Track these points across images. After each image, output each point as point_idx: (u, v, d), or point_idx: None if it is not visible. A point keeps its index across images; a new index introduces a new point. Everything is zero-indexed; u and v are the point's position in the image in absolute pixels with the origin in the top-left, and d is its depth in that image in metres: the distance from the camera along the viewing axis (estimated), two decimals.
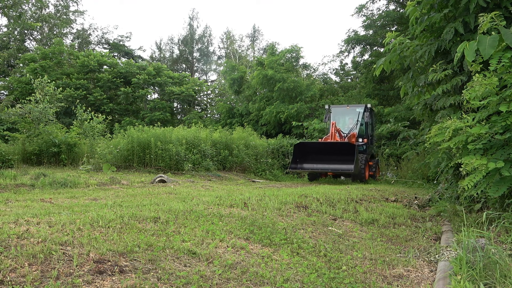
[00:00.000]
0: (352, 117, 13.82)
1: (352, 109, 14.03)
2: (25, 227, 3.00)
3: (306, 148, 12.35)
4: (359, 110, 13.71)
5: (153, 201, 5.27)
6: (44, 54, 25.74)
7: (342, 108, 14.47)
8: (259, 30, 42.90)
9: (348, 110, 14.15)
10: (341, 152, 11.63)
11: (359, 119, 13.48)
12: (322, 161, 12.04)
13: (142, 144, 12.11)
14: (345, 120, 14.13)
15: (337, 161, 11.75)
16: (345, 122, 14.05)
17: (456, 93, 5.57)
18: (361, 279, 3.15)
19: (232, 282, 2.72)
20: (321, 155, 12.06)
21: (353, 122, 13.60)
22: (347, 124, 13.91)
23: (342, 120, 14.17)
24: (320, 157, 12.06)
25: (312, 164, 12.25)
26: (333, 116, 14.05)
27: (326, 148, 11.98)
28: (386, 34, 6.72)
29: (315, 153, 12.25)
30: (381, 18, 20.86)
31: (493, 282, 2.74)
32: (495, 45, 3.77)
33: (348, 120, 13.98)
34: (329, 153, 11.85)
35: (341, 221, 5.15)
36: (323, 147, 12.10)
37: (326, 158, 11.94)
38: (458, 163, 4.65)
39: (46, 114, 13.85)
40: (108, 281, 2.38)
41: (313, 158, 12.21)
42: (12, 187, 7.11)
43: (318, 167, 12.12)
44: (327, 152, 11.90)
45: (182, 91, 27.66)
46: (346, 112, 14.21)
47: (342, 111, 14.34)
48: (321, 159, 12.04)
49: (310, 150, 12.35)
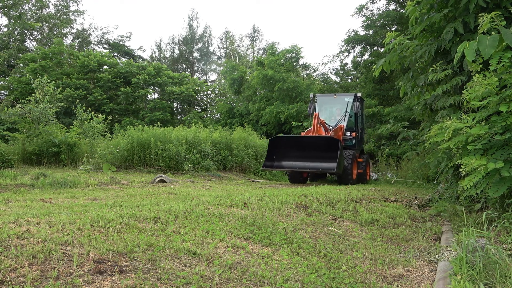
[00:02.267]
0: (340, 108, 12.31)
1: (340, 98, 12.57)
2: (25, 227, 3.00)
3: (283, 143, 10.80)
4: (347, 99, 12.23)
5: (153, 201, 5.27)
6: (44, 54, 25.75)
7: (328, 97, 13.01)
8: (259, 30, 43.01)
9: (335, 99, 12.66)
10: (323, 148, 10.23)
11: (347, 110, 11.98)
12: (302, 159, 10.57)
13: (142, 144, 12.11)
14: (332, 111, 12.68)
15: (318, 158, 10.34)
16: (332, 113, 12.62)
17: (456, 93, 5.58)
18: (361, 279, 3.15)
19: (232, 282, 2.72)
20: (300, 151, 10.60)
21: (341, 113, 12.15)
22: (334, 115, 12.45)
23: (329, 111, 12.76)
24: (300, 154, 10.60)
25: (290, 162, 10.75)
26: (319, 106, 12.67)
27: (305, 144, 10.53)
28: (386, 34, 6.72)
29: (294, 149, 10.73)
30: (381, 18, 20.87)
31: (493, 282, 2.74)
32: (495, 45, 3.77)
33: (336, 111, 12.50)
34: (310, 149, 10.42)
35: (341, 221, 5.15)
36: (302, 142, 10.61)
37: (306, 155, 10.49)
38: (458, 163, 4.65)
39: (46, 114, 13.85)
40: (108, 281, 2.38)
41: (292, 155, 10.73)
42: (12, 187, 7.11)
43: (296, 165, 10.59)
44: (307, 148, 10.48)
45: (182, 91, 27.67)
46: (333, 102, 12.72)
47: (328, 100, 12.87)
48: (301, 156, 10.58)
49: (288, 145, 10.79)
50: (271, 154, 10.79)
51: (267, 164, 10.70)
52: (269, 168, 10.81)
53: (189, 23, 40.86)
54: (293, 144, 10.80)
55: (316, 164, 10.34)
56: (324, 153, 10.18)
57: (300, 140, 10.71)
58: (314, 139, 10.30)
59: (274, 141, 10.78)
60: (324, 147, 10.17)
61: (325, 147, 10.15)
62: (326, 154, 10.11)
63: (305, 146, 10.50)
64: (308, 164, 10.45)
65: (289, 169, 10.70)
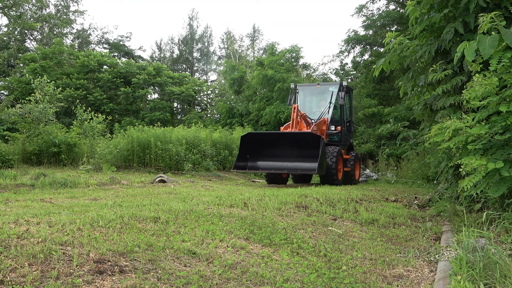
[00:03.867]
0: (325, 99, 11.11)
1: (324, 88, 11.30)
2: (25, 227, 3.00)
3: (257, 141, 9.61)
4: (332, 89, 10.96)
5: (153, 201, 5.27)
6: (44, 54, 25.73)
7: (311, 87, 11.72)
8: (259, 30, 43.01)
9: (319, 89, 11.42)
10: (302, 146, 9.13)
11: (332, 100, 10.76)
12: (279, 158, 9.41)
13: (142, 144, 12.11)
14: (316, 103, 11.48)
15: (298, 157, 9.20)
16: (316, 105, 11.43)
17: (456, 93, 5.57)
18: (361, 279, 3.15)
19: (232, 282, 2.72)
20: (277, 149, 9.43)
21: (325, 105, 10.93)
22: (318, 107, 11.23)
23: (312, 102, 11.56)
24: (276, 153, 9.44)
25: (266, 162, 9.57)
26: (301, 97, 11.42)
27: (282, 141, 9.34)
28: (386, 34, 6.72)
29: (270, 147, 9.58)
30: (381, 18, 20.86)
31: (493, 282, 2.74)
32: (495, 45, 3.77)
33: (320, 103, 11.29)
34: (287, 147, 9.29)
35: (341, 221, 5.15)
36: (278, 139, 9.42)
37: (283, 153, 9.35)
38: (458, 163, 4.65)
39: (46, 114, 13.85)
40: (108, 281, 2.38)
41: (268, 154, 9.55)
42: (12, 187, 7.11)
43: (273, 166, 9.40)
44: (284, 145, 9.32)
45: (182, 91, 27.66)
46: (317, 92, 11.51)
47: (311, 90, 11.63)
48: (278, 155, 9.43)
49: (263, 143, 9.60)
50: (244, 153, 9.63)
51: (239, 165, 9.53)
52: (241, 170, 9.64)
53: (189, 23, 40.87)
54: (269, 141, 9.62)
55: (295, 164, 9.25)
56: (304, 151, 9.11)
57: (276, 137, 9.57)
58: (292, 135, 9.21)
59: (247, 138, 9.62)
60: (304, 145, 9.11)
61: (304, 145, 9.10)
62: (306, 152, 9.04)
63: (282, 144, 9.36)
64: (286, 165, 9.35)
65: (265, 171, 9.63)
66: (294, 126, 9.47)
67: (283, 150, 9.37)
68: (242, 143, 9.61)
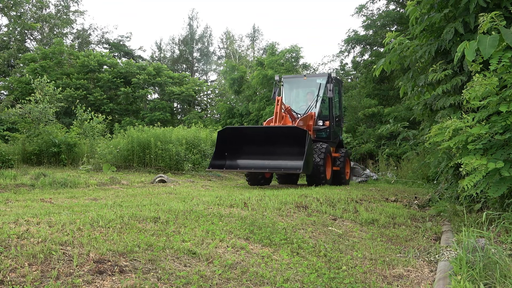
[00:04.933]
0: (312, 92, 10.38)
1: (311, 80, 10.58)
2: (25, 227, 3.00)
3: (236, 137, 8.74)
4: (320, 81, 10.21)
5: (153, 201, 5.27)
6: (44, 54, 25.73)
7: (297, 79, 10.90)
8: (259, 30, 43.01)
9: (306, 81, 10.61)
10: (286, 142, 8.27)
11: (319, 93, 10.00)
12: (261, 156, 8.56)
13: (142, 144, 12.12)
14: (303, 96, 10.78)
15: (281, 155, 8.38)
16: (303, 98, 10.73)
17: (456, 93, 5.57)
18: (361, 279, 3.15)
19: (232, 282, 2.72)
20: (259, 146, 8.59)
21: (313, 99, 10.18)
22: (306, 101, 10.51)
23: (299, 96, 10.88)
24: (258, 150, 8.60)
25: (246, 160, 8.69)
26: (287, 91, 10.66)
27: (264, 136, 8.51)
28: (386, 34, 6.72)
29: (251, 143, 8.68)
30: (381, 18, 20.86)
31: (493, 282, 2.74)
32: (495, 45, 3.77)
33: (307, 96, 10.56)
34: (270, 143, 8.46)
35: (341, 221, 5.15)
36: (259, 135, 8.63)
37: (266, 150, 8.50)
38: (458, 163, 4.65)
39: (46, 114, 13.86)
40: (108, 281, 2.38)
41: (248, 151, 8.71)
42: (12, 187, 7.11)
43: (254, 165, 8.50)
44: (266, 142, 8.48)
45: (182, 91, 27.65)
46: (304, 85, 10.73)
47: (298, 83, 10.83)
48: (259, 152, 8.58)
49: (243, 139, 8.75)
50: (222, 151, 8.72)
51: (215, 164, 8.59)
52: (218, 169, 8.76)
53: (189, 23, 40.86)
54: (248, 137, 8.75)
55: (277, 163, 8.37)
56: (288, 148, 8.26)
57: (257, 132, 8.84)
58: (274, 130, 8.39)
59: (224, 134, 8.68)
60: (288, 141, 8.23)
61: (288, 141, 8.22)
62: (291, 149, 8.21)
63: (264, 140, 8.49)
64: (268, 163, 8.44)
65: (245, 170, 8.76)
66: (277, 121, 8.65)
67: (264, 147, 8.51)
68: (219, 139, 8.70)
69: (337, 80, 10.79)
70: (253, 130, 9.38)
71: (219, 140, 8.70)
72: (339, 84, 11.20)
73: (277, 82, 10.62)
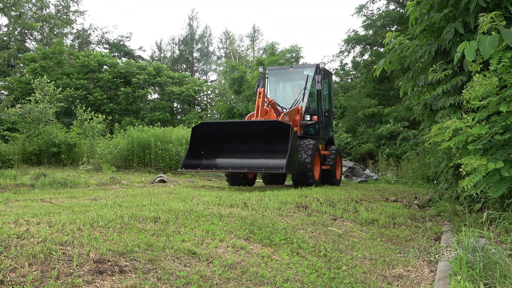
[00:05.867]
0: (299, 85, 9.63)
1: (298, 72, 9.82)
2: (25, 227, 2.99)
3: (213, 133, 7.91)
4: (307, 73, 9.45)
5: (153, 201, 5.27)
6: (44, 54, 25.74)
7: (283, 71, 10.23)
8: (259, 30, 43.03)
9: (292, 73, 9.89)
10: (268, 138, 7.46)
11: (307, 86, 9.26)
12: (242, 154, 7.81)
13: (142, 144, 12.12)
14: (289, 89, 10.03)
15: (262, 152, 7.62)
16: (290, 92, 9.96)
17: (456, 93, 5.57)
18: (361, 279, 3.15)
19: (232, 282, 2.72)
20: (237, 143, 7.81)
21: (299, 92, 9.43)
22: (293, 94, 9.71)
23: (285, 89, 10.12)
24: (238, 147, 7.85)
25: (225, 159, 7.92)
26: (272, 84, 9.90)
27: (243, 132, 7.71)
28: (386, 34, 6.72)
29: (229, 140, 7.87)
30: (381, 18, 20.86)
31: (493, 282, 2.74)
32: (495, 45, 3.77)
33: (294, 89, 9.82)
34: (250, 139, 7.64)
35: (341, 221, 5.15)
36: (237, 131, 7.83)
37: (246, 148, 7.77)
38: (458, 163, 4.65)
39: (46, 114, 13.87)
40: (108, 281, 2.38)
41: (227, 149, 7.94)
42: (12, 187, 7.11)
43: (233, 164, 7.76)
44: (246, 138, 7.68)
45: (182, 91, 27.65)
46: (290, 77, 10.00)
47: (283, 75, 10.09)
48: (239, 150, 7.85)
49: (220, 135, 7.89)
50: (197, 149, 7.92)
51: (190, 164, 7.78)
52: (192, 170, 7.94)
53: (189, 23, 40.89)
54: (226, 133, 7.93)
55: (258, 162, 7.62)
56: (270, 145, 7.49)
57: (235, 128, 8.05)
58: (254, 125, 7.64)
59: (200, 130, 7.86)
60: (270, 137, 7.44)
61: (271, 137, 7.43)
62: (273, 146, 7.43)
63: (244, 136, 7.71)
64: (247, 162, 7.68)
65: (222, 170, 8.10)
66: (259, 115, 7.88)
67: (244, 144, 7.77)
68: (194, 136, 7.86)
69: (326, 71, 10.10)
70: (231, 125, 8.52)
71: (194, 137, 7.88)
72: (329, 76, 10.49)
73: (261, 74, 9.84)
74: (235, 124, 8.54)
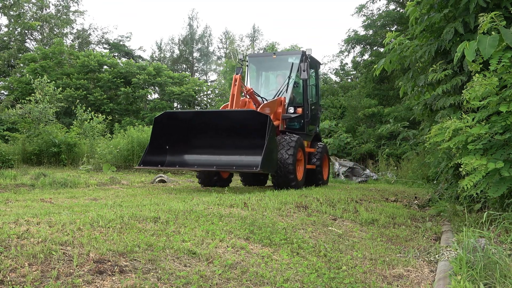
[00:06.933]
0: (283, 74, 8.52)
1: (282, 59, 8.77)
2: (25, 227, 3.00)
3: (177, 125, 6.84)
4: (292, 60, 8.40)
5: (153, 201, 5.27)
6: (44, 54, 25.74)
7: (266, 59, 9.19)
8: (259, 30, 43.06)
9: (275, 61, 8.83)
10: (240, 131, 6.53)
11: (291, 75, 8.19)
12: (211, 149, 6.79)
13: (142, 144, 12.12)
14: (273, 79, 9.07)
15: (235, 148, 6.65)
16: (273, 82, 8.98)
17: (456, 93, 5.57)
18: (361, 279, 3.15)
19: (232, 282, 2.72)
20: (208, 137, 6.81)
21: (283, 82, 8.35)
22: (276, 84, 8.72)
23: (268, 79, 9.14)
24: (207, 142, 6.83)
25: (191, 155, 6.90)
26: (253, 73, 8.92)
27: (214, 125, 6.74)
28: (386, 34, 6.73)
29: (198, 133, 6.80)
30: (381, 18, 20.86)
31: (493, 282, 2.74)
32: (495, 45, 3.77)
33: (277, 79, 8.82)
34: (222, 133, 6.71)
35: (341, 221, 5.15)
36: (208, 123, 6.78)
37: (215, 143, 6.78)
38: (458, 163, 4.65)
39: (46, 114, 13.87)
40: (108, 281, 2.38)
41: (196, 144, 6.88)
42: (12, 187, 7.11)
43: (197, 161, 6.75)
44: (217, 131, 6.73)
45: (182, 91, 27.65)
46: (273, 65, 8.97)
47: (266, 63, 9.04)
48: (208, 145, 6.82)
49: (186, 128, 6.80)
50: (160, 143, 6.87)
51: (149, 160, 6.72)
52: (153, 167, 7.00)
53: (189, 23, 40.89)
54: (194, 125, 6.82)
55: (230, 159, 6.61)
56: (245, 139, 6.54)
57: (205, 119, 6.93)
58: (226, 115, 6.70)
59: (163, 121, 6.82)
60: (244, 129, 6.48)
61: (245, 129, 6.47)
62: (248, 140, 6.50)
63: (215, 129, 6.72)
64: (218, 159, 6.64)
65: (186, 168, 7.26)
66: (233, 105, 6.86)
67: (214, 138, 6.78)
68: (156, 128, 6.82)
69: (314, 60, 9.01)
70: (199, 116, 7.37)
71: (156, 128, 6.81)
72: (316, 65, 9.44)
73: (240, 61, 8.74)
74: (204, 114, 7.42)
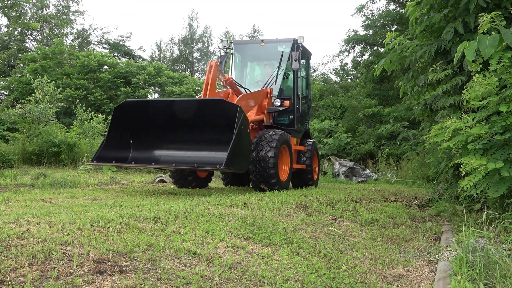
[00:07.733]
0: (272, 64, 7.90)
1: (271, 47, 7.92)
2: (25, 227, 3.00)
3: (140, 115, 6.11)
4: (282, 49, 7.73)
5: (153, 201, 5.27)
6: (44, 54, 25.74)
7: (253, 46, 8.43)
8: (259, 30, 43.00)
9: (263, 49, 7.93)
10: (208, 124, 5.82)
11: (281, 65, 7.55)
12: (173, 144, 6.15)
13: None
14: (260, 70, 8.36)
15: (200, 143, 5.98)
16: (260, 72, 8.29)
17: (456, 93, 5.58)
18: (361, 279, 3.15)
19: (232, 282, 2.72)
20: (171, 130, 6.11)
21: (272, 72, 7.68)
22: (263, 75, 8.02)
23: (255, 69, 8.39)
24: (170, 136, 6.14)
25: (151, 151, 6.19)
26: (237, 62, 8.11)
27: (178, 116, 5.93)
28: (386, 34, 6.73)
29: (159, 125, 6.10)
30: (381, 18, 20.86)
31: (493, 282, 2.74)
32: (495, 45, 3.77)
33: (265, 69, 8.16)
34: (188, 125, 5.98)
35: (341, 221, 5.15)
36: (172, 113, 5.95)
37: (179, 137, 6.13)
38: (458, 163, 4.65)
39: (46, 114, 13.87)
40: (108, 281, 2.38)
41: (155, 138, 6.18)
42: (12, 187, 7.11)
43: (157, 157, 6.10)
44: (182, 123, 6.00)
45: (182, 91, 27.64)
46: (261, 54, 8.16)
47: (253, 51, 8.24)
48: (172, 139, 6.16)
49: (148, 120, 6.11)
50: (118, 136, 6.13)
51: (103, 156, 5.90)
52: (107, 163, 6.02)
53: (189, 23, 40.90)
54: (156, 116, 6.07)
55: (192, 155, 5.95)
56: (211, 132, 5.81)
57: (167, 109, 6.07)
58: (188, 104, 6.05)
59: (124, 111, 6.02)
60: (211, 122, 5.77)
61: (212, 121, 5.76)
62: (214, 135, 5.78)
63: (178, 120, 5.98)
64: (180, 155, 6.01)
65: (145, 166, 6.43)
66: (208, 95, 6.05)
67: (177, 131, 6.08)
68: (114, 119, 6.03)
69: (305, 50, 8.29)
70: (159, 105, 6.43)
71: (115, 119, 6.02)
72: (308, 56, 8.68)
73: (224, 49, 7.91)
74: (166, 104, 6.40)
